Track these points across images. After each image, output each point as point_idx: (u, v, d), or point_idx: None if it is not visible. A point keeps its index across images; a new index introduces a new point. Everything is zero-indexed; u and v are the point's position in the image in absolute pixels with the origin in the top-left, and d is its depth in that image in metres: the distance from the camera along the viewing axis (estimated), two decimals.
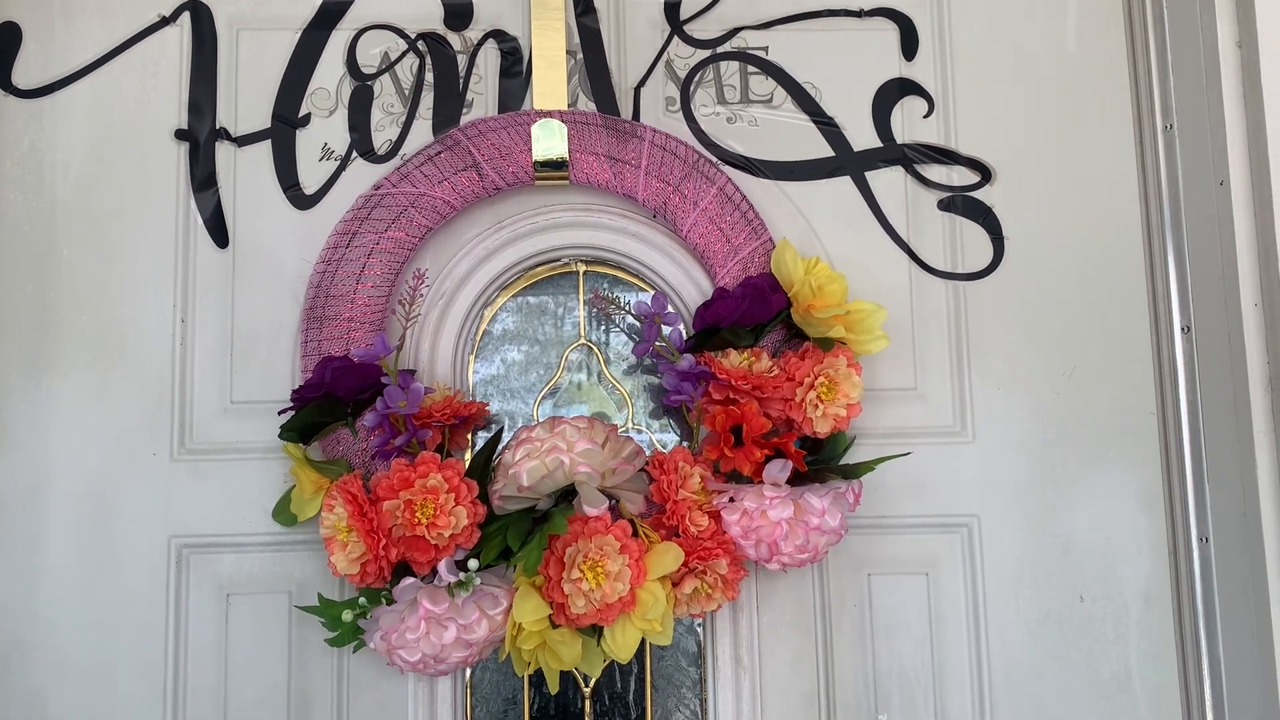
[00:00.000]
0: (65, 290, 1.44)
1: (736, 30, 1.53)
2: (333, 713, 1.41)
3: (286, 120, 1.48)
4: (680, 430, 1.48)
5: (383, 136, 1.49)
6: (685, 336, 1.41)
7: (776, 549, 1.29)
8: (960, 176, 1.52)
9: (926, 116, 1.52)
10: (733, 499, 1.30)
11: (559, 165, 1.43)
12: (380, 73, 1.50)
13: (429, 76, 1.50)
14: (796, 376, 1.34)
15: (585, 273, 1.51)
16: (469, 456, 1.43)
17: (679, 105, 1.51)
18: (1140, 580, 1.46)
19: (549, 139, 1.43)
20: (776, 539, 1.28)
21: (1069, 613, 1.46)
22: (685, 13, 1.53)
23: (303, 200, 1.47)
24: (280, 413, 1.35)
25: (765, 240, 1.43)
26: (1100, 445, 1.48)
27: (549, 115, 1.44)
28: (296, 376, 1.43)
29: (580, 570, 1.24)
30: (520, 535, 1.28)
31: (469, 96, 1.50)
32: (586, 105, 1.50)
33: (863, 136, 1.52)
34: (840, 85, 1.52)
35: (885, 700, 1.44)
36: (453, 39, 1.51)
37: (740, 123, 1.51)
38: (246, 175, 1.47)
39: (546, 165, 1.43)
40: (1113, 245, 1.51)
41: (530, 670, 1.30)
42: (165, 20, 1.49)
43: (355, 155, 1.48)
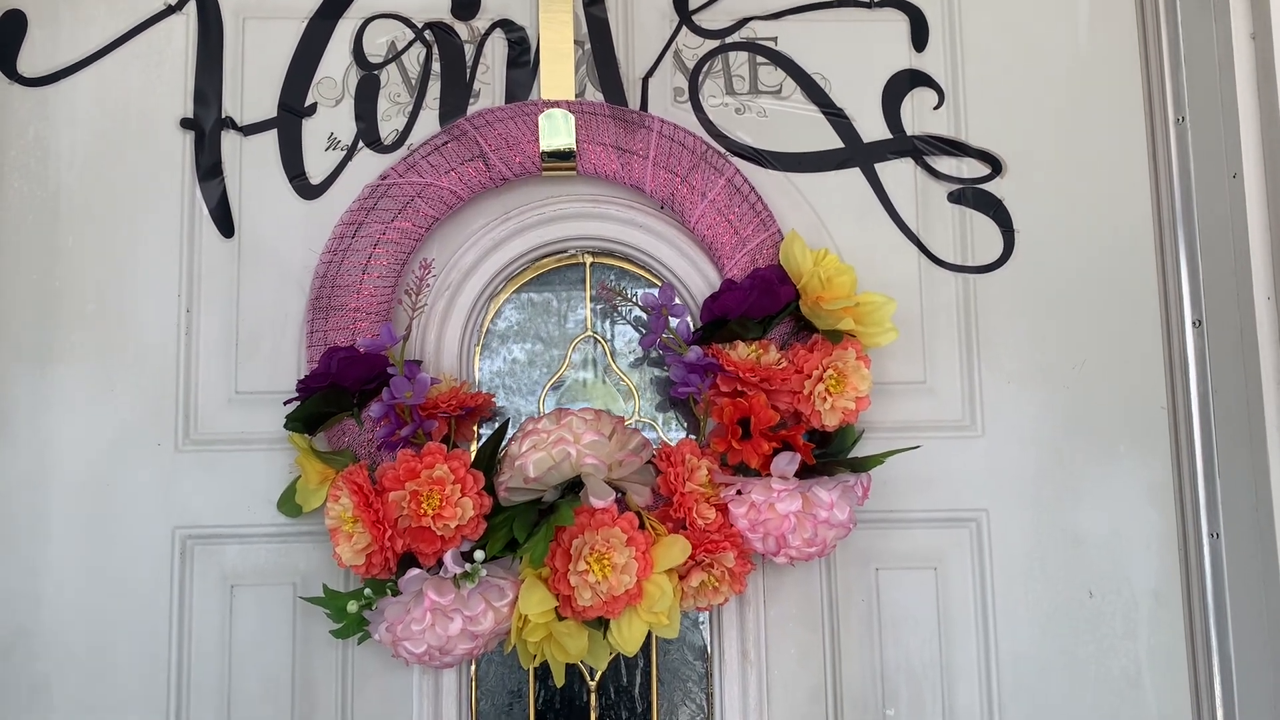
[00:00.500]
0: (69, 280, 1.44)
1: (745, 20, 1.52)
2: (337, 705, 1.41)
3: (292, 109, 1.48)
4: (687, 423, 1.47)
5: (389, 126, 1.48)
6: (693, 328, 1.40)
7: (784, 542, 1.28)
8: (970, 169, 1.51)
9: (937, 108, 1.51)
10: (740, 492, 1.29)
11: (566, 156, 1.42)
12: (387, 62, 1.49)
13: (436, 66, 1.49)
14: (805, 369, 1.33)
15: (592, 264, 1.51)
16: (475, 448, 1.42)
17: (687, 96, 1.50)
18: (1150, 575, 1.46)
19: (556, 129, 1.42)
20: (784, 532, 1.27)
21: (1078, 608, 1.45)
22: (694, 3, 1.52)
23: (309, 190, 1.47)
24: (286, 403, 1.34)
25: (774, 232, 1.43)
26: (1110, 439, 1.47)
27: (556, 105, 1.43)
28: (302, 367, 1.42)
29: (587, 562, 1.23)
30: (526, 527, 1.28)
31: (476, 86, 1.49)
32: (594, 96, 1.49)
33: (872, 128, 1.51)
34: (850, 76, 1.51)
35: (893, 695, 1.44)
36: (460, 28, 1.50)
37: (749, 114, 1.50)
38: (252, 165, 1.47)
39: (554, 156, 1.42)
40: (1124, 238, 1.50)
41: (536, 663, 1.30)
42: (171, 8, 1.48)
43: (361, 145, 1.47)
